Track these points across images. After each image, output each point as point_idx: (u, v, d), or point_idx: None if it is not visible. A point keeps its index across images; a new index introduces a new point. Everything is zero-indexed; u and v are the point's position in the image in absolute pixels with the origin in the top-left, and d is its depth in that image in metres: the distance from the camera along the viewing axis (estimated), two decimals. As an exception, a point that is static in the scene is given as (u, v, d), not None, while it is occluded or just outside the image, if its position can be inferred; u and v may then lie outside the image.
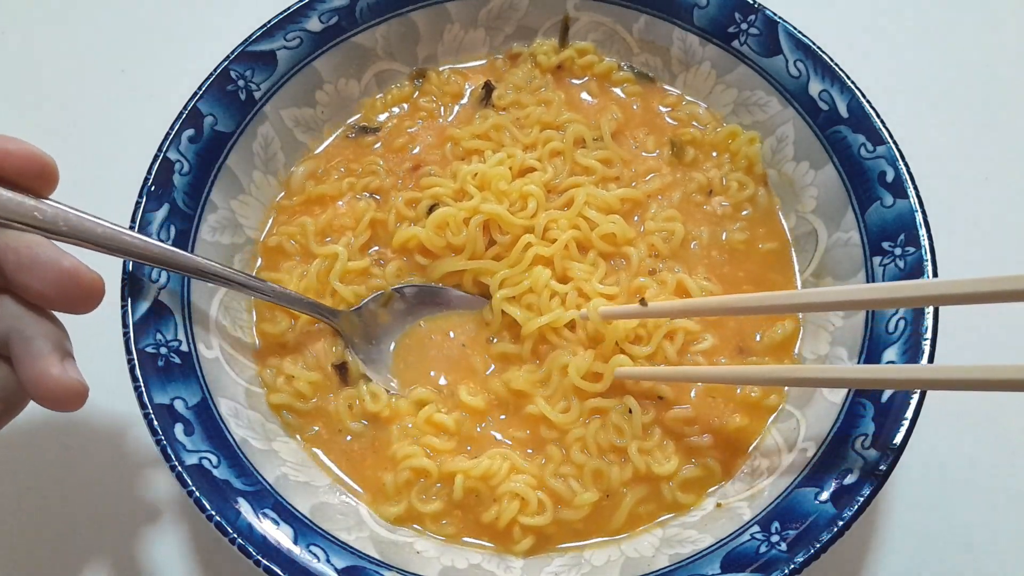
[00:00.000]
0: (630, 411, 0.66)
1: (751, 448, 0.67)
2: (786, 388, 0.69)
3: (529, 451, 0.66)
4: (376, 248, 0.74)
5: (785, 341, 0.70)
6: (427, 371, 0.70)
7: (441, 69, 0.82)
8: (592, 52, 0.81)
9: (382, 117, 0.80)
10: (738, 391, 0.68)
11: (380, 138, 0.78)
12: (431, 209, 0.72)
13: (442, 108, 0.80)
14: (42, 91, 0.88)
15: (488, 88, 0.80)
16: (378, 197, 0.75)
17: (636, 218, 0.74)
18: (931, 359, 0.60)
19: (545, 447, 0.66)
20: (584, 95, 0.81)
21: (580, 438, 0.66)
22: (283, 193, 0.76)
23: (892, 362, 0.61)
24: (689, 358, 0.69)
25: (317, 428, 0.68)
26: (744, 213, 0.75)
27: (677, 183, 0.76)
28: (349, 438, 0.67)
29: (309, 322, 0.70)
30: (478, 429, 0.67)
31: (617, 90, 0.81)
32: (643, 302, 0.64)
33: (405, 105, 0.80)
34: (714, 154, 0.78)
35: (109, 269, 0.66)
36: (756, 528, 0.59)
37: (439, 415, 0.67)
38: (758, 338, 0.70)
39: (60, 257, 0.53)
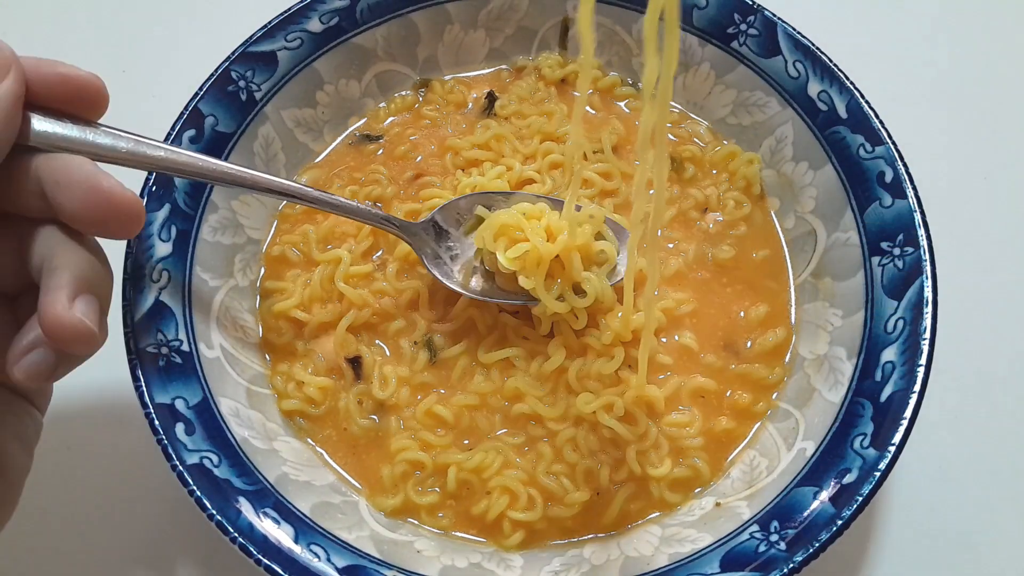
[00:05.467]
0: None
1: (739, 449, 0.67)
2: (775, 395, 0.69)
3: (525, 449, 0.67)
4: (379, 254, 0.74)
5: (777, 348, 0.70)
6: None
7: (446, 78, 0.82)
8: (597, 67, 0.81)
9: (385, 123, 0.80)
10: (728, 394, 0.68)
11: (382, 146, 0.79)
12: None
13: (445, 117, 0.80)
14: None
15: (491, 98, 0.80)
16: (380, 205, 0.75)
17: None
18: (930, 359, 0.60)
19: (536, 445, 0.66)
20: (587, 108, 0.81)
21: (571, 438, 0.66)
22: (285, 201, 0.75)
23: (891, 362, 0.61)
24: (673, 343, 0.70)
25: (328, 431, 0.67)
26: (740, 231, 0.75)
27: (674, 200, 0.76)
28: (356, 433, 0.67)
29: (316, 327, 0.70)
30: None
31: (620, 104, 0.81)
32: None
33: (407, 113, 0.80)
34: (713, 172, 0.78)
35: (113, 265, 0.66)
36: (755, 527, 0.59)
37: (438, 407, 0.67)
38: (749, 345, 0.70)
39: (95, 175, 0.50)
